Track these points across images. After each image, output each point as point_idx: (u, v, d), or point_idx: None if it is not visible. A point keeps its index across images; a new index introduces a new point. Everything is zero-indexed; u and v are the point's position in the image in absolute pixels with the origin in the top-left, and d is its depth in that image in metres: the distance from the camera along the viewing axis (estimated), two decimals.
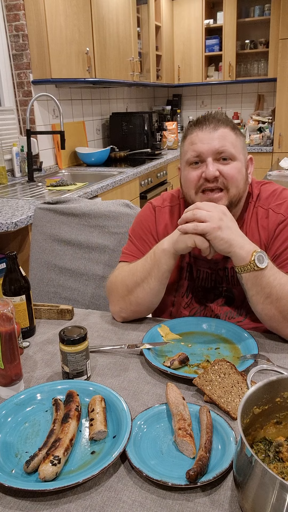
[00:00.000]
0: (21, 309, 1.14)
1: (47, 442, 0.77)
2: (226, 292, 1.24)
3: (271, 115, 4.79)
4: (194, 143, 1.12)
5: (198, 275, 1.26)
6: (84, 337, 0.96)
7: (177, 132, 4.72)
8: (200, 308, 1.26)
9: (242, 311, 1.22)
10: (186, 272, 1.28)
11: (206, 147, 1.10)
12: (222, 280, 1.24)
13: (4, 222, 1.91)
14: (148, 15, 4.10)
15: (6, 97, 3.08)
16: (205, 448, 0.74)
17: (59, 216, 1.65)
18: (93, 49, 3.23)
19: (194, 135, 1.13)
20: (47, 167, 3.32)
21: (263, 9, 4.50)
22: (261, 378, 0.96)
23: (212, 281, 1.25)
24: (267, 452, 0.73)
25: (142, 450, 0.77)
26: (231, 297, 1.23)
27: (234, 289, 1.23)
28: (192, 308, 1.27)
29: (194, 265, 1.26)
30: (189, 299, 1.27)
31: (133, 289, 1.17)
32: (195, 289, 1.27)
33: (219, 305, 1.25)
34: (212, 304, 1.25)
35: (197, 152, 1.11)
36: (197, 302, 1.27)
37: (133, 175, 3.22)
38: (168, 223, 1.28)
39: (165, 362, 1.02)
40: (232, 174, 1.11)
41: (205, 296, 1.27)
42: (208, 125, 1.12)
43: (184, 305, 1.28)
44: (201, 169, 1.12)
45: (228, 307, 1.24)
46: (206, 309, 1.26)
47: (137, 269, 1.17)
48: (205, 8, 4.60)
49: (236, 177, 1.11)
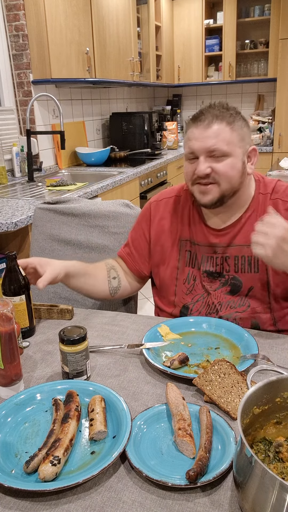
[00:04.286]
0: (21, 309, 1.14)
1: (47, 442, 0.77)
2: (233, 280, 1.24)
3: (271, 115, 4.79)
4: (189, 140, 1.16)
5: (203, 260, 1.27)
6: (84, 337, 0.96)
7: (177, 132, 4.72)
8: (203, 296, 1.27)
9: (245, 301, 1.23)
10: (187, 259, 1.30)
11: (198, 145, 1.13)
12: (230, 268, 1.25)
13: (4, 222, 1.91)
14: (148, 15, 4.10)
15: (6, 97, 3.08)
16: (205, 448, 0.74)
17: (59, 216, 1.65)
18: (93, 49, 3.23)
19: (190, 132, 1.16)
20: (47, 167, 3.32)
21: (263, 9, 4.50)
22: (261, 378, 0.96)
23: (217, 265, 1.25)
24: (267, 452, 0.72)
25: (142, 450, 0.77)
26: (238, 286, 1.24)
27: (242, 277, 1.23)
28: (195, 295, 1.28)
29: (198, 252, 1.28)
30: (191, 285, 1.28)
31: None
32: (200, 275, 1.28)
33: (223, 293, 1.25)
34: (215, 292, 1.26)
35: (191, 149, 1.15)
36: (201, 289, 1.28)
37: (133, 175, 3.22)
38: (162, 216, 1.33)
39: (165, 362, 1.02)
40: (224, 170, 1.13)
41: (210, 283, 1.27)
42: (203, 121, 1.13)
43: (186, 291, 1.29)
44: (195, 164, 1.16)
45: (232, 296, 1.24)
46: (209, 297, 1.26)
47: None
48: (205, 8, 4.60)
49: (229, 173, 1.14)
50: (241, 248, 1.22)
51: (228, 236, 1.23)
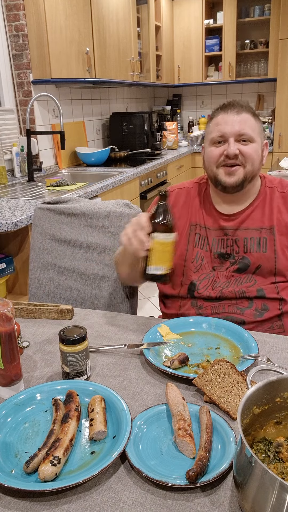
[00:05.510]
0: (170, 249, 1.10)
1: (47, 442, 0.77)
2: (242, 260, 1.32)
3: (271, 115, 4.79)
4: (219, 124, 1.28)
5: (214, 243, 1.35)
6: (84, 337, 0.96)
7: (177, 132, 4.72)
8: (209, 275, 1.33)
9: (252, 278, 1.30)
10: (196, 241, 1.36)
11: (229, 128, 1.26)
12: (239, 250, 1.32)
13: (4, 222, 1.91)
14: (148, 15, 4.10)
15: (6, 97, 3.08)
16: (205, 448, 0.74)
17: (59, 216, 1.65)
18: (93, 49, 3.23)
19: (220, 117, 1.28)
20: (47, 167, 3.32)
21: (263, 9, 4.50)
22: (261, 378, 0.96)
23: (228, 247, 1.33)
24: (267, 452, 0.72)
25: (142, 450, 0.77)
26: (246, 264, 1.31)
27: (250, 257, 1.31)
28: (202, 274, 1.34)
29: (209, 235, 1.35)
30: (198, 264, 1.35)
31: (117, 266, 1.39)
32: (209, 256, 1.34)
33: (231, 272, 1.32)
34: (223, 272, 1.32)
35: (221, 132, 1.27)
36: (207, 268, 1.34)
37: (133, 175, 3.22)
38: (174, 204, 1.40)
39: (165, 362, 1.02)
40: (250, 153, 1.26)
41: (221, 264, 1.34)
42: (232, 109, 1.27)
43: (194, 270, 1.35)
44: (223, 147, 1.27)
45: (239, 273, 1.32)
46: (216, 275, 1.33)
47: (119, 251, 1.35)
48: (205, 8, 4.60)
49: (253, 156, 1.26)
50: (250, 231, 1.32)
51: (237, 220, 1.33)
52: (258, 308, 1.27)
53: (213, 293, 1.30)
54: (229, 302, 1.29)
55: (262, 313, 1.27)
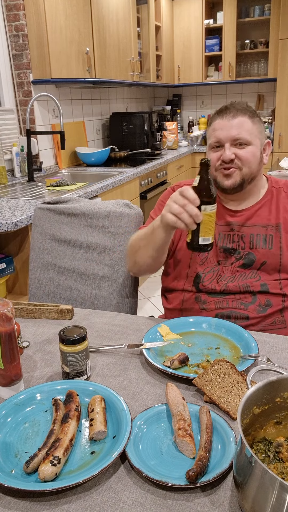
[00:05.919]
0: (214, 219, 1.10)
1: (47, 442, 0.77)
2: (247, 255, 1.33)
3: (271, 115, 4.79)
4: (215, 130, 1.30)
5: (220, 237, 1.36)
6: (84, 337, 0.96)
7: (177, 132, 4.72)
8: (214, 269, 1.35)
9: (256, 274, 1.32)
10: None
11: (224, 134, 1.28)
12: (245, 246, 1.34)
13: (4, 222, 1.91)
14: (148, 15, 4.10)
15: (6, 97, 3.08)
16: (205, 448, 0.74)
17: (59, 216, 1.65)
18: (93, 49, 3.23)
19: (216, 123, 1.31)
20: (47, 167, 3.32)
21: (263, 9, 4.50)
22: (261, 378, 0.96)
23: (234, 242, 1.35)
24: (267, 452, 0.72)
25: (142, 450, 0.77)
26: (251, 260, 1.33)
27: (256, 253, 1.32)
28: (207, 267, 1.36)
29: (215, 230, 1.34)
30: (204, 257, 1.36)
31: (137, 251, 1.34)
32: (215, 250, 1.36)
33: (236, 267, 1.34)
34: (229, 267, 1.34)
35: (217, 138, 1.29)
36: (213, 262, 1.36)
37: (133, 175, 3.22)
38: None
39: (165, 362, 1.02)
40: (246, 156, 1.27)
41: (226, 259, 1.35)
42: (228, 114, 1.29)
43: (200, 262, 1.37)
44: (220, 152, 1.29)
45: (244, 269, 1.33)
46: (221, 269, 1.34)
47: (141, 235, 1.33)
48: (205, 8, 4.59)
49: (250, 159, 1.28)
50: (256, 228, 1.34)
51: (244, 216, 1.35)
52: (261, 304, 1.29)
53: (218, 286, 1.31)
54: (233, 297, 1.30)
55: (265, 308, 1.28)
